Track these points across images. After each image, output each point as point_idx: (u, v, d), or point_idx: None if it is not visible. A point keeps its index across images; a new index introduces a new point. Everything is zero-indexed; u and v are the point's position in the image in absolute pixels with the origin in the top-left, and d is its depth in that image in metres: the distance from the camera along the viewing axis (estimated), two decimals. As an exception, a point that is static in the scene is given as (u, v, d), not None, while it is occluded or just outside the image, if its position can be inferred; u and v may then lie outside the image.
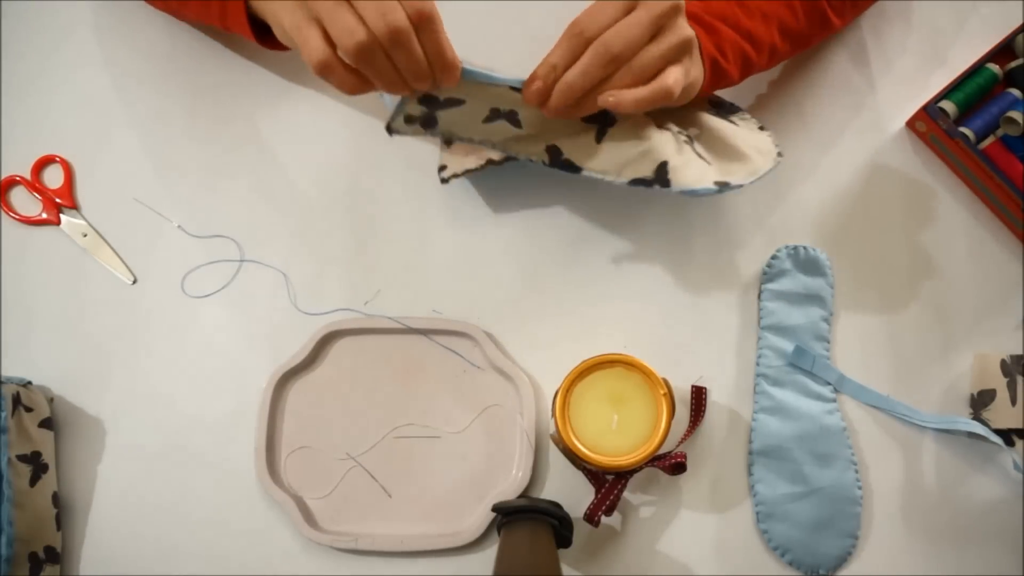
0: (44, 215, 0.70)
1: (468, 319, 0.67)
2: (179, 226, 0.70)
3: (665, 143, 0.57)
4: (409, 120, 0.57)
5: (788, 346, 0.65)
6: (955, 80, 0.68)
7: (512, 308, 0.68)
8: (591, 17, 0.51)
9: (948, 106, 0.68)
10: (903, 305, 0.68)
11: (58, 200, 0.70)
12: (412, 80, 0.50)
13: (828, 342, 0.66)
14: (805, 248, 0.66)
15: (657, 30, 0.51)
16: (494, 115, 0.57)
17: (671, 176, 0.55)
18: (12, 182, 0.70)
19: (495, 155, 0.61)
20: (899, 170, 0.70)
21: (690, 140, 0.60)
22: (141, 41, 0.73)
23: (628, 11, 0.50)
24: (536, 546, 0.56)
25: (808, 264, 0.66)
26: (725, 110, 0.66)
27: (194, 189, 0.70)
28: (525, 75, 0.54)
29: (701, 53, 0.57)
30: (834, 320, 0.67)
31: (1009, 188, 0.65)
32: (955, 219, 0.69)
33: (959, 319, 0.68)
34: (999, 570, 0.63)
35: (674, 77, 0.51)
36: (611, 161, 0.56)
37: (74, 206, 0.70)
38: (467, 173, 0.63)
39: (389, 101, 0.61)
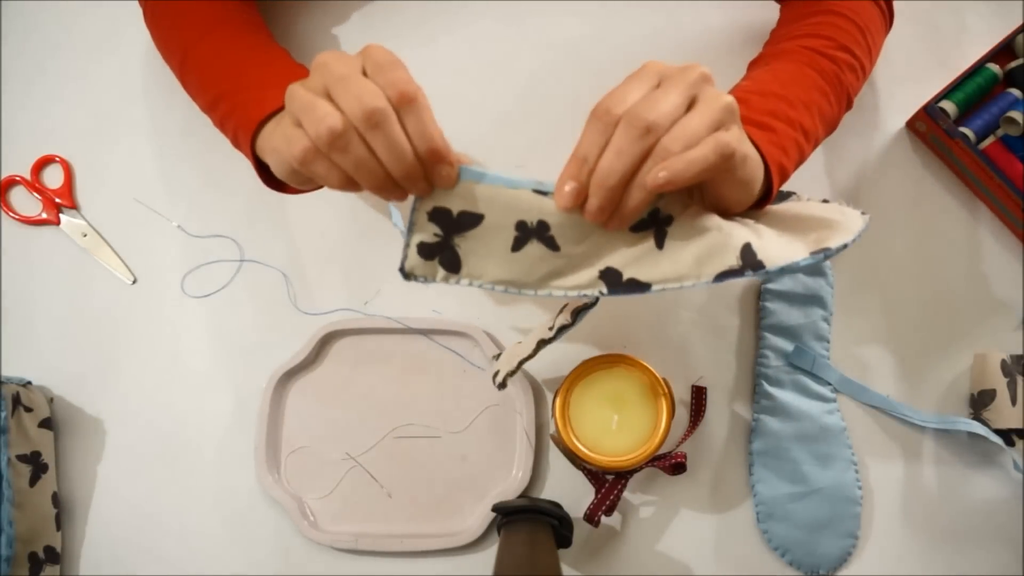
0: (44, 215, 0.70)
1: (468, 319, 0.67)
2: (179, 226, 0.70)
3: (735, 228, 0.46)
4: (425, 253, 0.48)
5: (788, 346, 0.65)
6: (955, 80, 0.68)
7: (512, 308, 0.68)
8: (615, 97, 0.43)
9: (948, 106, 0.68)
10: (903, 305, 0.68)
11: (58, 200, 0.70)
12: (399, 173, 0.43)
13: (828, 342, 0.66)
14: (805, 248, 0.66)
15: (692, 100, 0.43)
16: (522, 234, 0.47)
17: (761, 257, 0.44)
18: (12, 182, 0.70)
19: (545, 334, 0.54)
20: (899, 170, 0.70)
21: (756, 227, 0.49)
22: (141, 41, 0.73)
23: (655, 87, 0.44)
24: (536, 546, 0.56)
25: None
26: (780, 198, 0.57)
27: (194, 189, 0.70)
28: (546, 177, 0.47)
29: (764, 157, 0.50)
30: (834, 320, 0.67)
31: (1009, 188, 0.65)
32: (955, 219, 0.69)
33: (959, 319, 0.68)
34: (999, 570, 0.63)
35: (727, 136, 0.43)
36: (684, 264, 0.46)
37: (74, 206, 0.70)
38: (520, 366, 0.56)
39: (398, 219, 0.52)
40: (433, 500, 0.65)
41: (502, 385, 0.57)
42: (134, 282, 0.69)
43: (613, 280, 0.46)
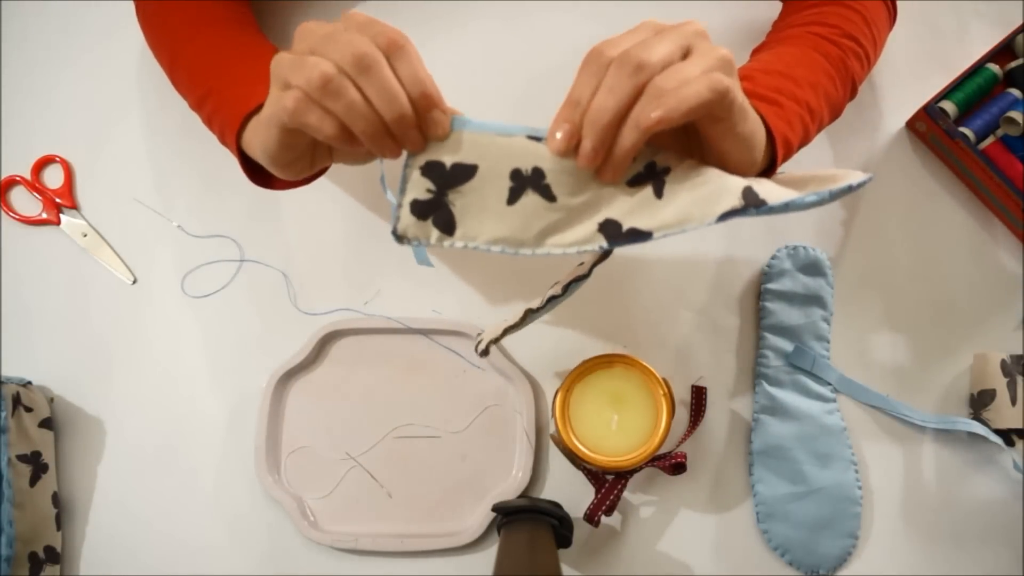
0: (44, 215, 0.70)
1: (468, 319, 0.67)
2: (179, 226, 0.70)
3: (734, 177, 0.45)
4: (419, 212, 0.46)
5: (788, 346, 0.65)
6: (955, 80, 0.68)
7: (512, 308, 0.68)
8: (609, 43, 0.43)
9: (948, 106, 0.68)
10: (903, 305, 0.68)
11: (58, 200, 0.70)
12: (392, 116, 0.42)
13: (828, 342, 0.66)
14: (805, 248, 0.66)
15: (687, 51, 0.43)
16: (518, 184, 0.45)
17: (763, 196, 0.43)
18: (12, 182, 0.70)
19: (533, 302, 0.53)
20: (899, 170, 0.70)
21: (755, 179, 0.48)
22: (141, 41, 0.73)
23: (651, 34, 0.43)
24: (536, 546, 0.56)
25: (808, 264, 0.66)
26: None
27: (194, 189, 0.70)
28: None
29: (770, 129, 0.50)
30: (834, 320, 0.67)
31: (1009, 188, 0.65)
32: (955, 219, 0.69)
33: (959, 319, 0.68)
34: (999, 570, 0.63)
35: (721, 75, 0.42)
36: (684, 207, 0.44)
37: (74, 206, 0.70)
38: (506, 334, 0.54)
39: (391, 195, 0.49)
40: (433, 500, 0.65)
41: (485, 352, 0.56)
42: (134, 282, 0.69)
43: (613, 232, 0.45)
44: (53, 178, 0.71)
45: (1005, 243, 0.69)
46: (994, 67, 0.69)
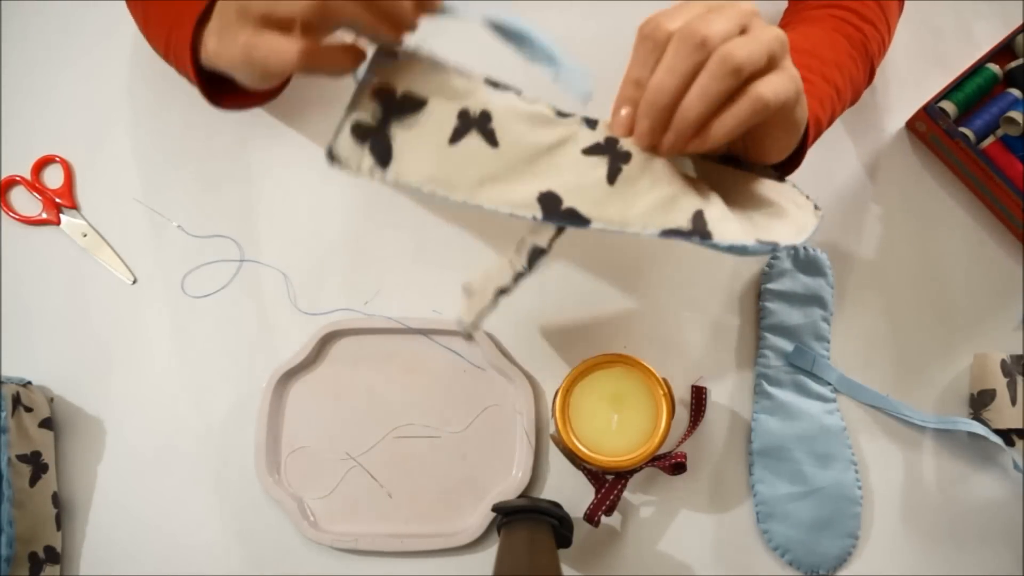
0: (44, 215, 0.70)
1: (468, 319, 0.67)
2: (179, 226, 0.70)
3: (689, 189, 0.44)
4: (359, 135, 0.44)
5: (788, 346, 0.65)
6: (955, 80, 0.68)
7: (512, 308, 0.68)
8: (665, 15, 0.41)
9: (948, 106, 0.68)
10: (903, 305, 0.68)
11: (58, 200, 0.70)
12: None
13: (828, 342, 0.66)
14: (805, 248, 0.66)
15: (743, 29, 0.41)
16: (463, 124, 0.44)
17: (711, 228, 0.42)
18: (12, 182, 0.70)
19: (504, 280, 0.49)
20: (899, 170, 0.70)
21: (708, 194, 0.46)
22: (141, 41, 0.73)
23: (704, 10, 0.42)
24: (536, 546, 0.56)
25: (808, 264, 0.66)
26: (742, 165, 0.55)
27: (194, 189, 0.70)
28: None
29: None
30: (834, 320, 0.67)
31: (1009, 188, 0.65)
32: (955, 219, 0.69)
33: (959, 319, 0.68)
34: (999, 570, 0.63)
35: (792, 68, 0.42)
36: (631, 209, 0.43)
37: (74, 206, 0.70)
38: (480, 317, 0.51)
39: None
40: (433, 500, 0.65)
41: (469, 336, 0.54)
42: (134, 282, 0.69)
43: (551, 206, 0.43)
44: (53, 178, 0.71)
45: (1005, 243, 0.69)
46: (994, 67, 0.69)
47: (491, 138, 0.44)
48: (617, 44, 0.72)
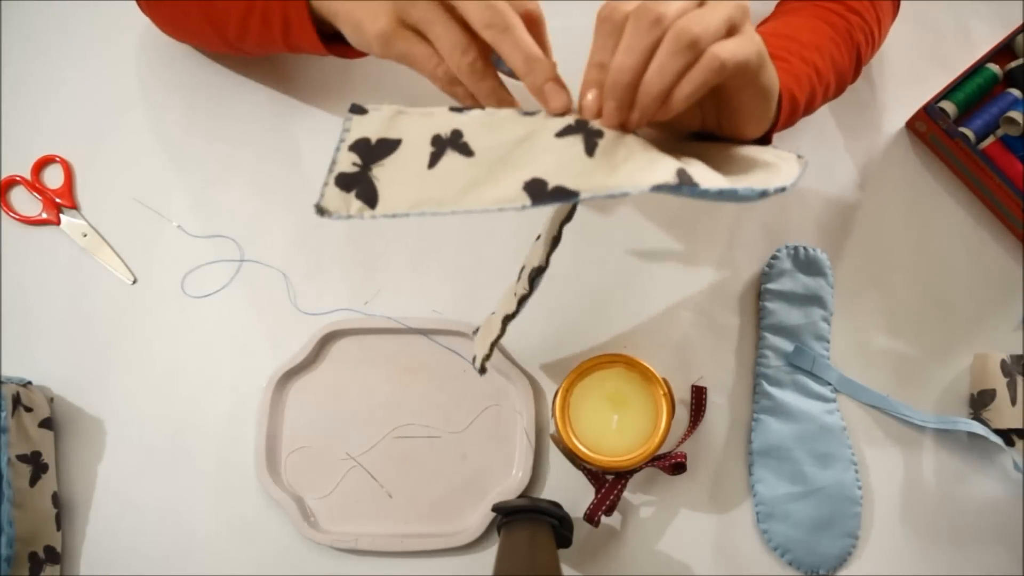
0: (44, 215, 0.70)
1: (468, 319, 0.67)
2: (179, 226, 0.70)
3: (665, 155, 0.45)
4: (343, 184, 0.47)
5: (788, 346, 0.65)
6: (955, 80, 0.68)
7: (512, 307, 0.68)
8: None
9: (948, 106, 0.68)
10: (903, 305, 0.68)
11: (58, 200, 0.70)
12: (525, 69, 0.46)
13: (828, 342, 0.66)
14: (805, 248, 0.66)
15: (701, 0, 0.42)
16: (438, 148, 0.46)
17: (697, 180, 0.42)
18: (12, 182, 0.70)
19: (508, 308, 0.54)
20: (899, 170, 0.71)
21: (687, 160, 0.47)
22: (141, 41, 0.73)
23: None
24: (536, 546, 0.56)
25: (808, 264, 0.66)
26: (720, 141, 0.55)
27: (194, 189, 0.70)
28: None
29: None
30: (834, 320, 0.67)
31: (1009, 188, 0.65)
32: (955, 219, 0.69)
33: (959, 319, 0.68)
34: (999, 570, 0.63)
35: (752, 31, 0.42)
36: (615, 173, 0.43)
37: (74, 206, 0.70)
38: (493, 347, 0.56)
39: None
40: (433, 500, 0.65)
41: (482, 370, 0.57)
42: (134, 282, 0.69)
43: (537, 191, 0.44)
44: (53, 178, 0.71)
45: (1005, 243, 0.69)
46: (994, 67, 0.69)
47: (465, 150, 0.46)
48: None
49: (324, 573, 0.64)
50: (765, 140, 0.52)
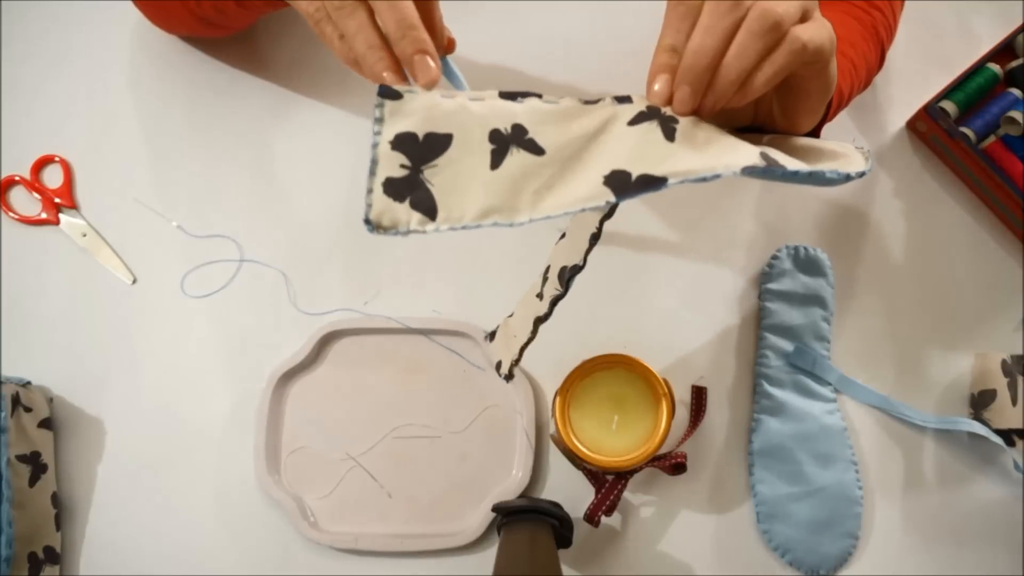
0: (44, 215, 0.70)
1: (468, 319, 0.67)
2: (179, 226, 0.70)
3: (743, 139, 0.43)
4: (393, 192, 0.40)
5: (788, 346, 0.65)
6: (955, 80, 0.68)
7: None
8: None
9: (948, 106, 0.68)
10: (903, 305, 0.68)
11: (58, 200, 0.70)
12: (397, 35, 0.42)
13: (828, 342, 0.66)
14: (805, 248, 0.66)
15: None
16: (499, 145, 0.41)
17: (783, 163, 0.40)
18: (12, 182, 0.70)
19: (541, 309, 0.49)
20: (900, 170, 0.70)
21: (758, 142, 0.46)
22: (141, 41, 0.73)
23: None
24: (536, 546, 0.56)
25: (808, 264, 0.66)
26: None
27: (194, 189, 0.70)
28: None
29: None
30: (834, 320, 0.67)
31: (1009, 188, 0.65)
32: (955, 219, 0.69)
33: (959, 319, 0.68)
34: (999, 570, 0.63)
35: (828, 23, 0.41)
36: (701, 156, 0.40)
37: (74, 206, 0.70)
38: (523, 351, 0.51)
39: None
40: (433, 500, 0.65)
41: (509, 376, 0.53)
42: (134, 282, 0.69)
43: (620, 183, 0.39)
44: (53, 178, 0.71)
45: (1005, 243, 0.69)
46: (994, 67, 0.69)
47: (533, 147, 0.41)
48: (619, 46, 0.73)
49: (324, 573, 0.64)
50: (814, 134, 0.51)
